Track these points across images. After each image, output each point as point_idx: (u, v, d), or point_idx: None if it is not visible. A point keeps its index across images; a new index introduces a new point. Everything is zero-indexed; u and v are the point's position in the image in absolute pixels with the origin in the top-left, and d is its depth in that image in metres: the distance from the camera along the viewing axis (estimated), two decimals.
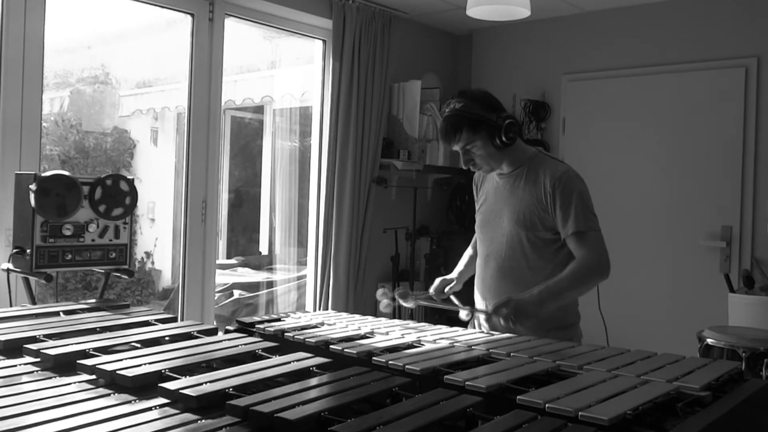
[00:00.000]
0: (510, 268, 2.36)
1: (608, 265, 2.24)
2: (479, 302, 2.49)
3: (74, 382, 1.41)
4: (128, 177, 2.73)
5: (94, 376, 1.46)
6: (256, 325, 2.05)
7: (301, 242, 4.94)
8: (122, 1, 3.91)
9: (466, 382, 1.44)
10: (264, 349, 1.70)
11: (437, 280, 2.60)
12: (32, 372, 1.50)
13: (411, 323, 2.19)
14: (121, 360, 1.53)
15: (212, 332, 1.94)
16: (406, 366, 1.57)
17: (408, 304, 2.48)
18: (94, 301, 2.37)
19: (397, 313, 4.69)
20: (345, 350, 1.74)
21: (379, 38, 4.62)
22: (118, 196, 2.66)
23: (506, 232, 2.36)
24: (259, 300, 5.20)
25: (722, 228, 4.30)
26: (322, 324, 2.10)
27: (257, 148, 5.39)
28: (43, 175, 2.50)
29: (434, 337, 1.95)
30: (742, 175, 4.24)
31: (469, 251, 2.69)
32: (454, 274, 2.64)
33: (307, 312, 2.34)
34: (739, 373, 1.61)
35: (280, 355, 1.66)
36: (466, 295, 2.59)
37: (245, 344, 1.75)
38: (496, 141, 2.28)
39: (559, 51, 4.97)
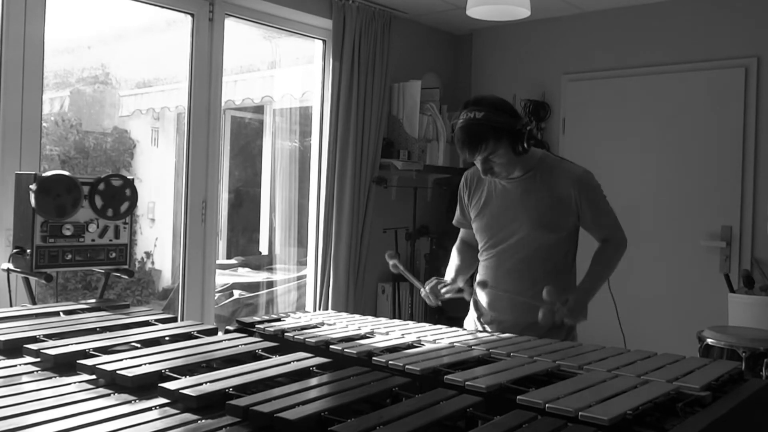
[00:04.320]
0: (526, 269, 2.36)
1: (626, 239, 2.44)
2: (485, 300, 2.47)
3: (74, 382, 1.41)
4: (128, 177, 2.73)
5: (94, 376, 1.46)
6: (256, 325, 2.05)
7: (301, 242, 4.94)
8: (122, 1, 3.91)
9: (466, 382, 1.44)
10: (264, 349, 1.70)
11: (433, 280, 2.50)
12: (32, 372, 1.50)
13: (411, 323, 2.19)
14: (121, 360, 1.53)
15: (212, 332, 1.94)
16: (406, 366, 1.57)
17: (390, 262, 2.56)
18: (94, 301, 2.37)
19: (397, 312, 4.70)
20: (345, 350, 1.74)
21: (379, 38, 4.62)
22: (117, 196, 2.66)
23: (525, 234, 2.35)
24: (259, 300, 5.20)
25: (722, 228, 4.30)
26: (322, 324, 2.10)
27: (257, 148, 5.39)
28: (43, 175, 2.50)
29: (434, 337, 1.95)
30: (742, 175, 4.24)
31: (455, 261, 2.61)
32: (450, 277, 2.57)
33: (307, 312, 2.34)
34: (739, 373, 1.61)
35: (280, 355, 1.66)
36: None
37: (245, 344, 1.75)
38: (518, 148, 2.26)
39: (559, 51, 4.97)
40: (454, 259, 2.63)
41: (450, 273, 2.59)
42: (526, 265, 2.36)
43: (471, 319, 2.55)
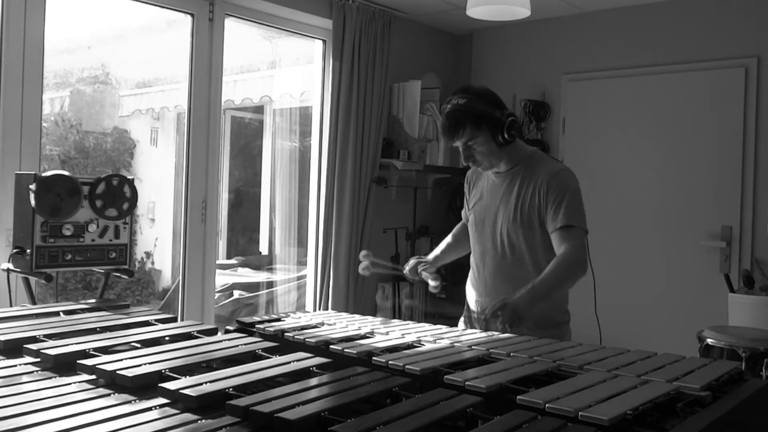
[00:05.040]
0: (508, 266, 2.37)
1: (587, 262, 2.24)
2: (473, 298, 2.49)
3: (74, 382, 1.41)
4: (128, 177, 2.73)
5: (94, 376, 1.46)
6: (256, 325, 2.05)
7: (301, 242, 4.94)
8: (122, 1, 3.91)
9: (466, 382, 1.44)
10: (264, 349, 1.70)
11: (412, 260, 2.63)
12: (32, 372, 1.50)
13: (411, 323, 2.20)
14: (121, 360, 1.53)
15: (212, 332, 1.94)
16: (406, 366, 1.57)
17: (364, 262, 2.59)
18: (94, 301, 2.37)
19: (396, 312, 4.70)
20: (345, 350, 1.74)
21: (379, 38, 4.62)
22: (117, 195, 2.66)
23: (503, 230, 2.36)
24: (259, 300, 5.20)
25: (722, 228, 4.30)
26: (322, 324, 2.10)
27: (257, 148, 5.39)
28: (43, 175, 2.50)
29: (434, 337, 1.95)
30: (742, 175, 4.24)
31: (448, 239, 2.69)
32: (430, 257, 2.65)
33: (307, 312, 2.34)
34: (739, 373, 1.61)
35: (280, 355, 1.66)
36: (454, 290, 2.60)
37: (245, 344, 1.75)
38: (499, 138, 2.28)
39: (559, 51, 4.97)
40: (447, 239, 2.69)
41: (437, 249, 2.67)
42: (508, 260, 2.37)
43: (461, 319, 2.58)
